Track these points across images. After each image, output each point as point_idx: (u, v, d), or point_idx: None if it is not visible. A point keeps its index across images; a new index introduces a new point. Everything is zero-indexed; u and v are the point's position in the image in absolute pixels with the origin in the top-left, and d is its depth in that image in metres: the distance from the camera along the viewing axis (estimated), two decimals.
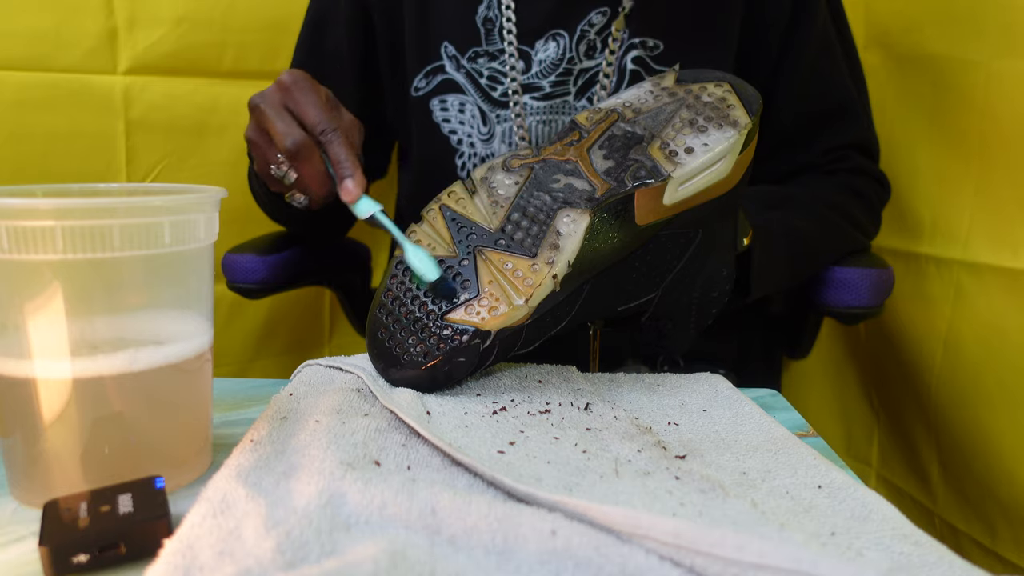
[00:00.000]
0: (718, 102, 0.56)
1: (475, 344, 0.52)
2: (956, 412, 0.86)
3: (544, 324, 0.55)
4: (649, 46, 0.75)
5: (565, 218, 0.53)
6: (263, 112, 0.57)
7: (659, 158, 0.54)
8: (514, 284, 0.52)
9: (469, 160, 0.79)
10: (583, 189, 0.54)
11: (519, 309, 0.51)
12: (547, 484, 0.39)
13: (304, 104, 0.57)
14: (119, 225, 0.38)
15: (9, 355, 0.39)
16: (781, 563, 0.31)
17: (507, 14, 0.75)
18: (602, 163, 0.56)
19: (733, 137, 0.54)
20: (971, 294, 0.83)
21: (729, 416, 0.52)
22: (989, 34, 0.79)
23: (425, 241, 0.56)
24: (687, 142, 0.54)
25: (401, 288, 0.55)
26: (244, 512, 0.36)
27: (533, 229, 0.54)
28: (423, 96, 0.79)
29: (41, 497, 0.39)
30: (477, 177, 0.58)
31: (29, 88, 0.89)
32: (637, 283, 0.59)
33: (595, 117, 0.58)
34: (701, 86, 0.58)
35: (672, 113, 0.57)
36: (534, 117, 0.77)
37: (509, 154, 0.58)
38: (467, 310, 0.52)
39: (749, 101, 0.56)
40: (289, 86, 0.58)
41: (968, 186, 0.83)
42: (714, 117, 0.55)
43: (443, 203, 0.57)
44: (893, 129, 0.92)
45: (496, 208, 0.56)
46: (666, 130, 0.56)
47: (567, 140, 0.58)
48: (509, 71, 0.76)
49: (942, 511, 0.90)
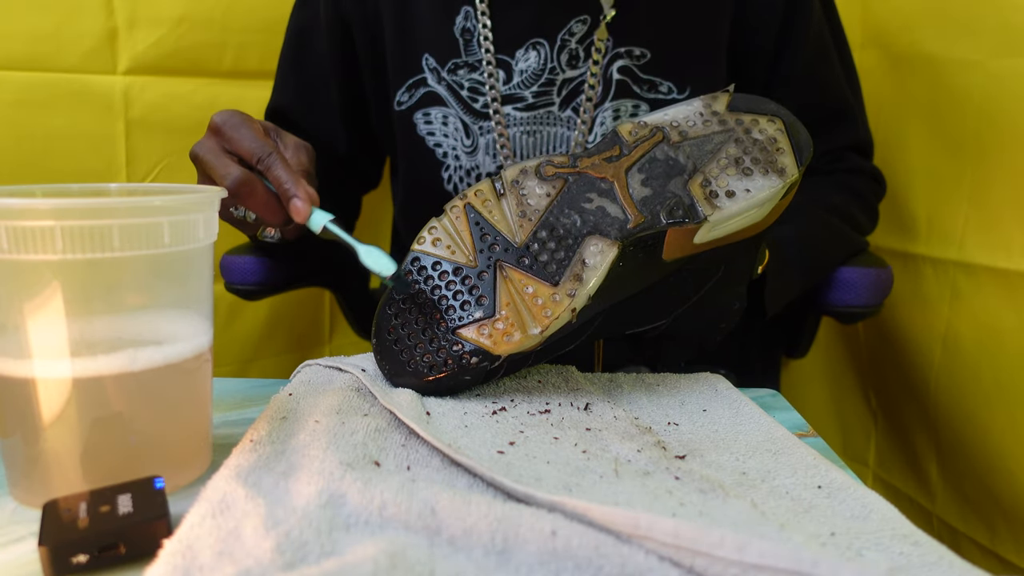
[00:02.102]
0: (768, 142, 0.54)
1: (483, 366, 0.51)
2: (954, 412, 0.86)
3: (553, 348, 0.55)
4: (635, 55, 0.74)
5: (592, 247, 0.51)
6: (203, 160, 0.56)
7: (699, 197, 0.52)
8: (532, 311, 0.51)
9: (455, 173, 0.78)
10: (615, 216, 0.52)
11: (533, 338, 0.50)
12: (547, 484, 0.39)
13: (238, 140, 0.56)
14: (119, 225, 0.38)
15: (9, 355, 0.39)
16: (781, 563, 0.31)
17: (483, 21, 0.75)
18: (639, 189, 0.53)
19: (777, 186, 0.52)
20: (967, 295, 0.83)
21: (729, 416, 0.52)
22: (986, 34, 0.79)
23: (445, 241, 0.54)
24: (729, 184, 0.52)
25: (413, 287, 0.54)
26: (244, 512, 0.35)
27: (559, 254, 0.52)
28: (406, 110, 0.78)
29: (41, 497, 0.39)
30: (508, 179, 0.55)
31: (29, 88, 0.89)
32: (650, 311, 0.58)
33: (639, 133, 0.55)
34: (753, 119, 0.55)
35: (719, 145, 0.54)
36: (517, 128, 0.76)
37: (544, 159, 0.55)
38: (480, 329, 0.51)
39: (800, 148, 0.53)
40: (220, 127, 0.57)
41: (964, 186, 0.83)
42: (761, 160, 0.53)
43: (469, 201, 0.55)
44: (889, 129, 0.92)
45: (524, 220, 0.53)
46: (710, 166, 0.53)
47: (606, 154, 0.55)
48: (488, 80, 0.75)
49: (941, 511, 0.90)
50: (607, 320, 0.56)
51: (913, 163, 0.90)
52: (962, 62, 0.82)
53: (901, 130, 0.92)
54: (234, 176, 0.54)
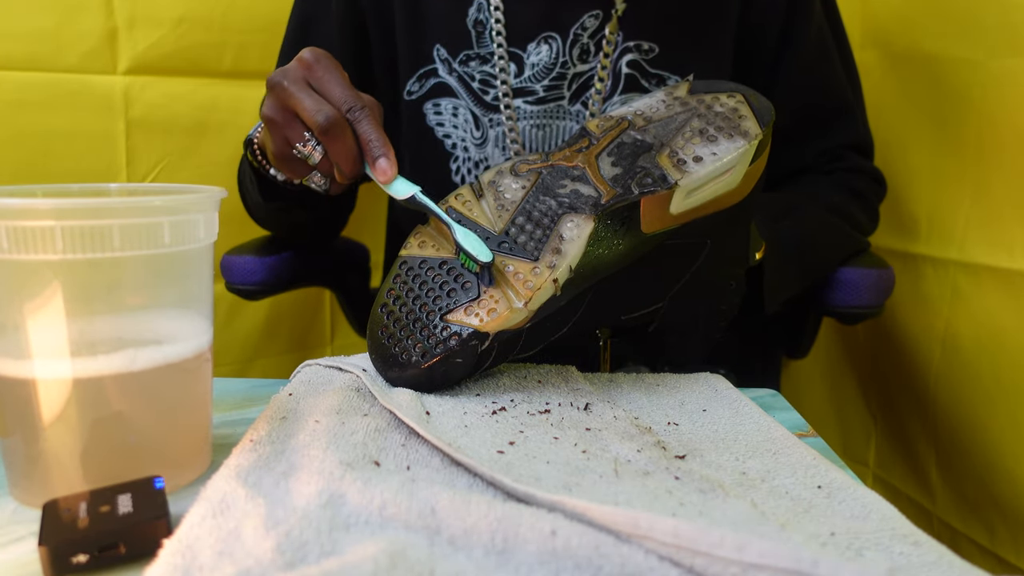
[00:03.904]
0: (729, 112, 0.56)
1: (473, 345, 0.52)
2: (954, 412, 0.86)
3: (544, 329, 0.55)
4: (644, 49, 0.75)
5: (569, 223, 0.53)
6: (286, 89, 0.55)
7: (667, 166, 0.54)
8: (514, 287, 0.52)
9: (463, 164, 0.78)
10: (589, 195, 0.54)
11: (518, 312, 0.51)
12: (547, 484, 0.39)
13: (330, 82, 0.55)
14: (119, 225, 0.38)
15: (9, 355, 0.39)
16: (781, 563, 0.31)
17: (496, 15, 0.75)
18: (610, 170, 0.55)
19: (743, 147, 0.54)
20: (968, 295, 0.83)
21: (729, 416, 0.52)
22: (987, 33, 0.79)
23: (430, 243, 0.56)
24: (696, 151, 0.54)
25: (404, 288, 0.55)
26: (244, 512, 0.36)
27: (536, 233, 0.53)
28: (416, 100, 0.78)
29: (41, 497, 0.39)
30: (485, 181, 0.57)
31: (29, 88, 0.89)
32: (643, 292, 0.58)
33: (606, 124, 0.58)
34: (714, 96, 0.57)
35: (683, 123, 0.56)
36: (527, 121, 0.76)
37: (518, 159, 0.58)
38: (466, 311, 0.52)
39: (761, 112, 0.56)
40: (313, 63, 0.56)
41: (964, 186, 0.83)
42: (724, 127, 0.55)
43: (450, 205, 0.57)
44: (890, 128, 0.92)
45: (502, 212, 0.55)
46: (676, 139, 0.55)
47: (576, 146, 0.58)
48: (499, 74, 0.75)
49: (940, 511, 0.90)
50: (599, 301, 0.56)
51: (913, 163, 0.90)
52: (962, 61, 0.82)
53: (901, 130, 0.92)
54: (328, 114, 0.54)
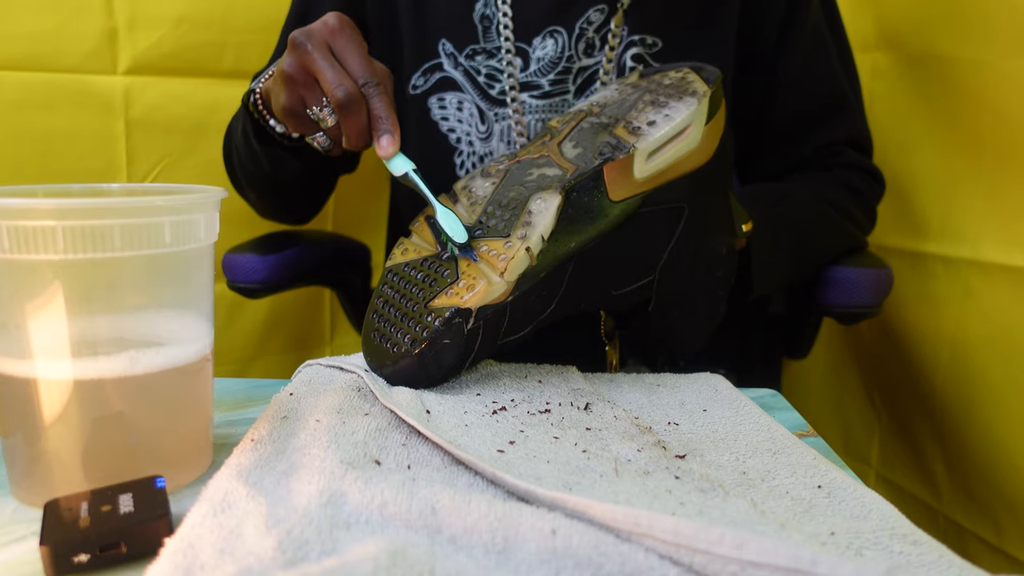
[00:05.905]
0: (678, 82, 0.58)
1: (458, 323, 0.52)
2: (962, 411, 0.86)
3: (529, 305, 0.55)
4: (648, 43, 0.75)
5: (537, 199, 0.54)
6: (309, 54, 0.56)
7: (623, 135, 0.56)
8: (490, 263, 0.53)
9: (468, 159, 0.78)
10: (554, 175, 0.56)
11: (497, 285, 0.52)
12: (547, 483, 0.39)
13: (351, 53, 0.57)
14: (120, 225, 0.38)
15: (10, 355, 0.39)
16: (780, 561, 0.31)
17: (503, 9, 0.75)
18: (572, 151, 0.58)
19: (693, 105, 0.55)
20: (980, 294, 0.83)
21: (729, 416, 0.52)
22: (1000, 34, 0.79)
23: (412, 250, 0.58)
24: (649, 117, 0.56)
25: (391, 291, 0.57)
26: (245, 511, 0.36)
27: (507, 215, 0.55)
28: (421, 94, 0.79)
29: (42, 497, 0.39)
30: (458, 187, 0.60)
31: (29, 88, 0.89)
32: (628, 265, 0.59)
33: (565, 118, 0.62)
34: (662, 75, 0.61)
35: (636, 100, 0.59)
36: (533, 115, 0.76)
37: (488, 162, 0.61)
38: (447, 294, 0.53)
39: (708, 76, 0.58)
40: (336, 30, 0.57)
41: (978, 185, 0.83)
42: (674, 93, 0.57)
43: (427, 214, 0.59)
44: (904, 129, 0.92)
45: (474, 207, 0.58)
46: (630, 113, 0.57)
47: (540, 141, 0.61)
48: (506, 68, 0.75)
49: (947, 509, 0.90)
50: (584, 276, 0.57)
51: (926, 162, 0.90)
52: (976, 62, 0.82)
53: (915, 129, 0.91)
54: (347, 90, 0.55)
